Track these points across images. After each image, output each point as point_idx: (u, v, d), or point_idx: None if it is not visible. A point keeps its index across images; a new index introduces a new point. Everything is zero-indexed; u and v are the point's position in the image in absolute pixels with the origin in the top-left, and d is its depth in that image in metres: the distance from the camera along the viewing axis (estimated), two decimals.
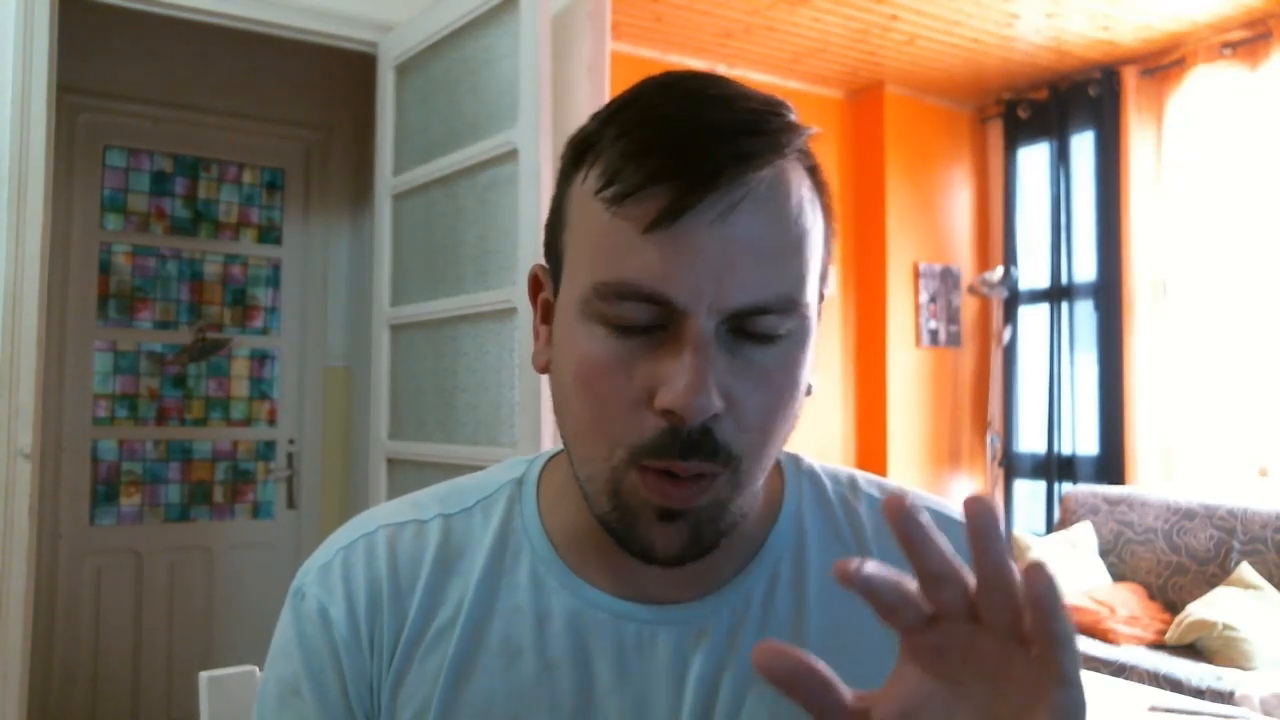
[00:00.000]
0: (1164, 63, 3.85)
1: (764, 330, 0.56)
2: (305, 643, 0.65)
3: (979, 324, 4.54)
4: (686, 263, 0.53)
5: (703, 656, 0.62)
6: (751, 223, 0.54)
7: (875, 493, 0.70)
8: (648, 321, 0.55)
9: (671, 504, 0.56)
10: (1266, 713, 2.55)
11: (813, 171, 0.60)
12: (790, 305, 0.56)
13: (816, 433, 4.17)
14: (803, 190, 0.58)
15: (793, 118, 0.57)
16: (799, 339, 0.58)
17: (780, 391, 0.58)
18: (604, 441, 0.57)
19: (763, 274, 0.54)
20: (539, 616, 0.63)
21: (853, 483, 0.70)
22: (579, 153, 0.59)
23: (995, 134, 4.51)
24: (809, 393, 0.64)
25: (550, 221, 0.63)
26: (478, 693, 0.62)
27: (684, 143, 0.53)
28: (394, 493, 2.52)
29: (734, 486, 0.57)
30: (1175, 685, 2.69)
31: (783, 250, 0.56)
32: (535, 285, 0.66)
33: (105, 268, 3.33)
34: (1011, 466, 4.35)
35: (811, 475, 0.70)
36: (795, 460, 0.71)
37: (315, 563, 0.69)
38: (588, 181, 0.57)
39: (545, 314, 0.65)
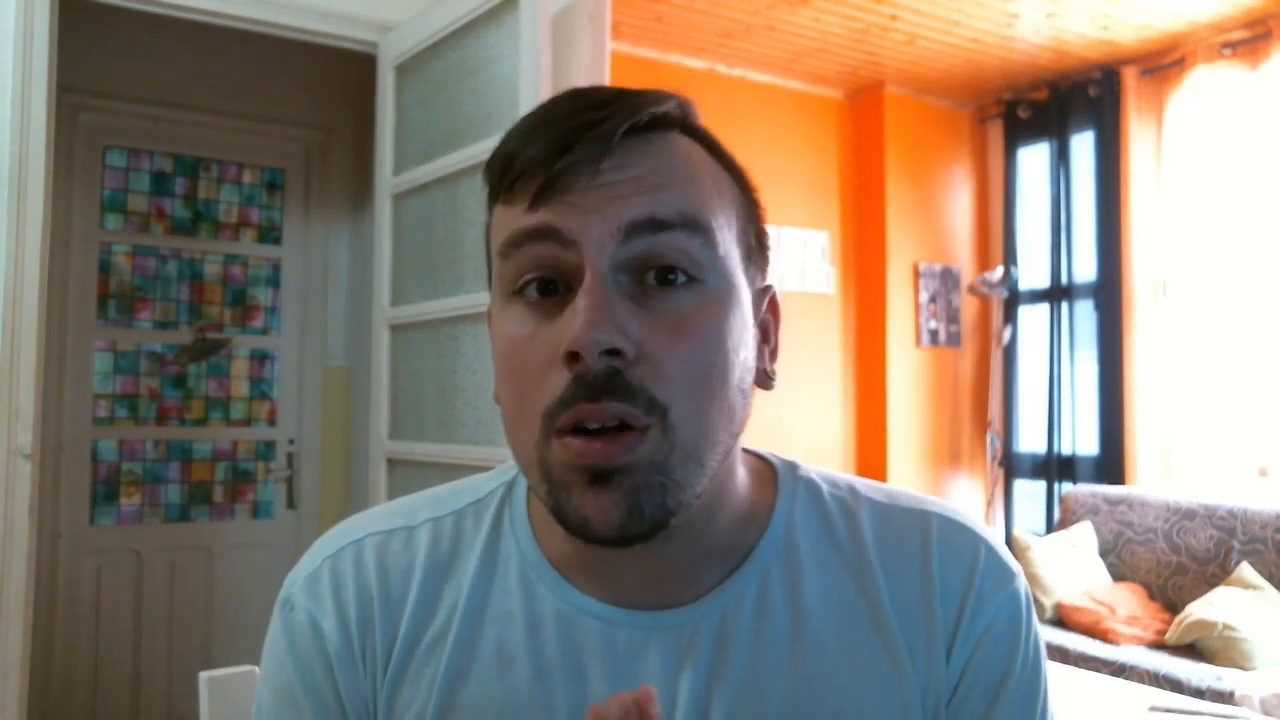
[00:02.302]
0: (1164, 63, 3.85)
1: (670, 257, 0.55)
2: (297, 653, 0.65)
3: (979, 324, 4.54)
4: (569, 212, 0.55)
5: (692, 668, 0.60)
6: (627, 166, 0.56)
7: (878, 497, 0.68)
8: (549, 269, 0.56)
9: (593, 460, 0.53)
10: (1266, 713, 2.55)
11: (708, 145, 0.62)
12: (692, 223, 0.56)
13: (817, 433, 4.17)
14: (691, 152, 0.59)
15: (665, 103, 0.59)
16: (719, 292, 0.57)
17: (703, 341, 0.55)
18: (526, 418, 0.56)
19: (650, 197, 0.55)
20: (531, 622, 0.62)
21: (852, 489, 0.68)
22: (488, 185, 0.62)
23: (995, 134, 4.51)
24: (768, 383, 0.63)
25: (485, 256, 0.64)
26: (473, 700, 0.61)
27: (548, 126, 0.56)
28: (394, 493, 2.52)
29: (669, 446, 0.54)
30: (1175, 685, 2.69)
31: (670, 179, 0.56)
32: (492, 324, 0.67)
33: (105, 268, 3.33)
34: (1011, 466, 4.35)
35: (808, 482, 0.68)
36: (791, 467, 0.69)
37: (301, 572, 0.67)
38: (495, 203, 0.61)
39: None
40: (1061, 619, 3.31)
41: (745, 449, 0.67)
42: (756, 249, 0.62)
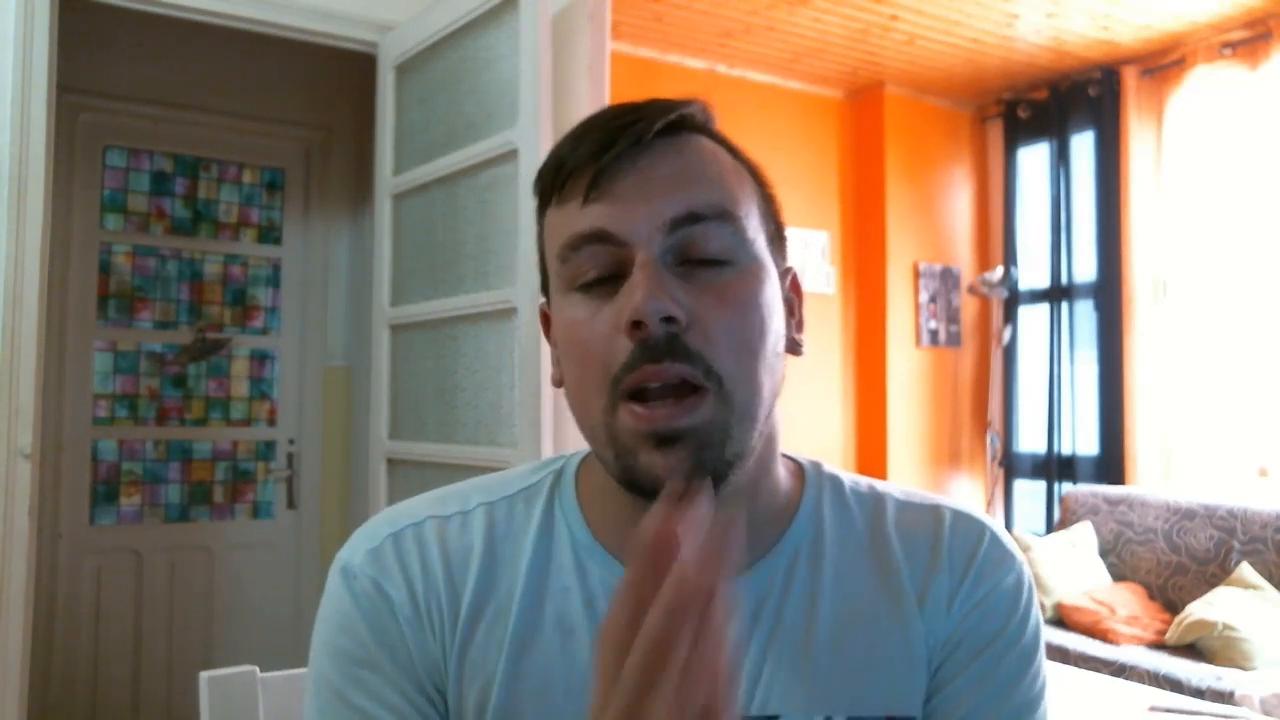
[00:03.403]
0: (1164, 63, 3.85)
1: (708, 243, 0.62)
2: (369, 619, 0.67)
3: (979, 324, 4.54)
4: (616, 205, 0.62)
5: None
6: (663, 162, 0.63)
7: (895, 493, 0.75)
8: (603, 263, 0.62)
9: (658, 425, 0.59)
10: (1266, 713, 2.55)
11: (730, 149, 0.69)
12: (723, 214, 0.63)
13: (817, 433, 4.17)
14: (716, 151, 0.67)
15: (691, 105, 0.66)
16: (751, 268, 0.64)
17: (744, 309, 0.62)
18: (592, 387, 0.62)
19: (687, 191, 0.63)
20: (586, 596, 0.67)
21: (871, 485, 0.76)
22: (539, 193, 0.68)
23: (995, 134, 4.51)
24: (798, 350, 0.70)
25: (539, 259, 0.71)
26: (537, 668, 0.66)
27: (591, 131, 0.64)
28: (394, 493, 2.52)
29: (727, 409, 0.60)
30: (1175, 685, 2.69)
31: (701, 175, 0.64)
32: (545, 321, 0.72)
33: (105, 268, 3.33)
34: (1011, 466, 4.35)
35: (832, 478, 0.75)
36: (817, 465, 0.76)
37: (361, 547, 0.70)
38: (547, 209, 0.68)
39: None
40: (1061, 619, 3.31)
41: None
42: (776, 236, 0.70)
